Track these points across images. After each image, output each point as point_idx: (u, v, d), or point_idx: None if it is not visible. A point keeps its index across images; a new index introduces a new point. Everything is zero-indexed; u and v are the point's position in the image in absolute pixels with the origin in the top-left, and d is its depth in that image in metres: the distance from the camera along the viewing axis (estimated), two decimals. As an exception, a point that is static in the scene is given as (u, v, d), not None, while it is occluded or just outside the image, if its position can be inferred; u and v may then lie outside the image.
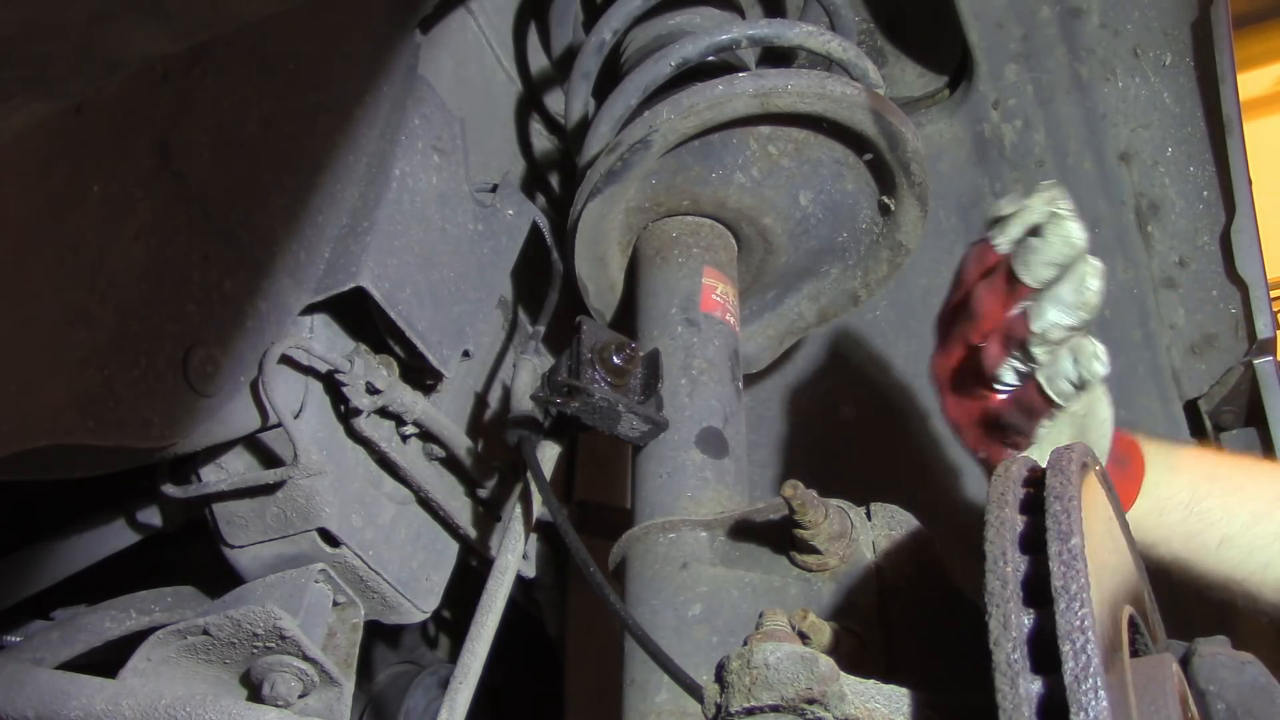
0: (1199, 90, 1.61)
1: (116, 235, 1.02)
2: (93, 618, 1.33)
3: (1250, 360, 1.68)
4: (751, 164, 1.29)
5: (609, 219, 1.29)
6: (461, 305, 1.41)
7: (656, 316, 1.26)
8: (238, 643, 1.17)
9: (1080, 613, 0.59)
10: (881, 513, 1.03)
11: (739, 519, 1.04)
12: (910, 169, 1.26)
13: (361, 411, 1.30)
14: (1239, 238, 1.63)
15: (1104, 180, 1.70)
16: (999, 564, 0.65)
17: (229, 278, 1.15)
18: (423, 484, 1.42)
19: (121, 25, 0.56)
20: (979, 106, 1.71)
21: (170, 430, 1.11)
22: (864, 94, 1.21)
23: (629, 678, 1.02)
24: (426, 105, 1.41)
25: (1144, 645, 0.76)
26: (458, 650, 1.22)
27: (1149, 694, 0.65)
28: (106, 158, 0.99)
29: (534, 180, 1.74)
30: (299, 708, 1.18)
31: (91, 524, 1.43)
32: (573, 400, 1.10)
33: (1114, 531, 0.78)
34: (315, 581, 1.30)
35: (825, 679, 0.67)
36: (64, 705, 1.09)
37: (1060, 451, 0.71)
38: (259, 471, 1.26)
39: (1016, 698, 0.59)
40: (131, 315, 1.04)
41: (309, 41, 1.24)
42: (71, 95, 0.75)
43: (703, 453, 1.14)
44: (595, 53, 1.39)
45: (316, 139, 1.26)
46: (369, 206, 1.30)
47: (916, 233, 1.33)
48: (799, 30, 1.31)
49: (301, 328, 1.28)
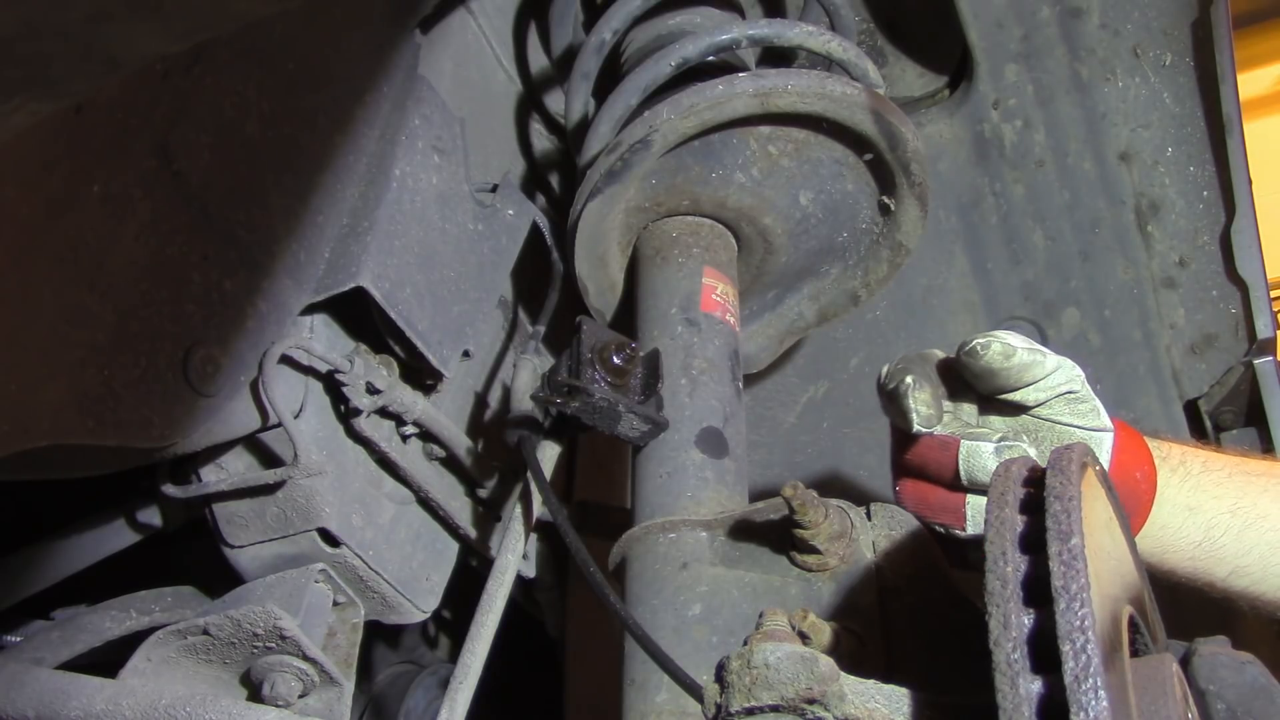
0: (1199, 90, 1.61)
1: (116, 235, 1.02)
2: (93, 618, 1.33)
3: (1250, 360, 1.68)
4: (751, 164, 1.29)
5: (609, 219, 1.29)
6: (461, 305, 1.41)
7: (656, 316, 1.26)
8: (238, 643, 1.17)
9: (1080, 613, 0.59)
10: (881, 513, 1.03)
11: (739, 519, 1.04)
12: (910, 169, 1.26)
13: (361, 411, 1.30)
14: (1239, 238, 1.63)
15: (1104, 180, 1.70)
16: (999, 564, 0.65)
17: (229, 278, 1.15)
18: (423, 484, 1.42)
19: (121, 25, 0.56)
20: (979, 106, 1.71)
21: (170, 430, 1.11)
22: (864, 94, 1.21)
23: (629, 678, 1.02)
24: (426, 105, 1.41)
25: (1144, 645, 0.76)
26: (458, 650, 1.22)
27: (1149, 694, 0.65)
28: (106, 158, 0.99)
29: (534, 180, 1.74)
30: (299, 708, 1.18)
31: (91, 524, 1.43)
32: (573, 400, 1.10)
33: (1114, 531, 0.77)
34: (315, 581, 1.30)
35: (825, 679, 0.67)
36: (64, 705, 1.09)
37: (1060, 451, 0.71)
38: (259, 471, 1.26)
39: (1016, 698, 0.59)
40: (131, 315, 1.04)
41: (309, 41, 1.24)
42: (71, 95, 0.75)
43: (703, 453, 1.14)
44: (595, 53, 1.39)
45: (316, 139, 1.26)
46: (369, 206, 1.30)
47: (916, 233, 1.33)
48: (799, 30, 1.31)
49: (301, 328, 1.28)
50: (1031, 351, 1.02)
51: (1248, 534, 1.11)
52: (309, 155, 1.24)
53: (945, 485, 1.08)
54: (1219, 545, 1.11)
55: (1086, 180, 1.71)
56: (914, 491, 1.11)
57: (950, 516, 1.08)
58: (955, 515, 1.08)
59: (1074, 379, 1.05)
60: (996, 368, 1.02)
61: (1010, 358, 1.01)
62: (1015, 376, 1.02)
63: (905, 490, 1.12)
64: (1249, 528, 1.11)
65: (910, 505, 1.10)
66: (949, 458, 1.05)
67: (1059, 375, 1.04)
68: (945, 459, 1.06)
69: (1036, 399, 1.04)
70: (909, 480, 1.11)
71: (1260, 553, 1.11)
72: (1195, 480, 1.12)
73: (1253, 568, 1.11)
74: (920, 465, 1.08)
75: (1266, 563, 1.11)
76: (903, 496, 1.12)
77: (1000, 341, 1.01)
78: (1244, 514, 1.11)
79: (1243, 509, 1.11)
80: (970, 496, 1.07)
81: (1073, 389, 1.05)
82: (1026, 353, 1.02)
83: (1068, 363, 1.05)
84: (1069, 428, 1.06)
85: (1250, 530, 1.11)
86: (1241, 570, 1.12)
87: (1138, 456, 1.10)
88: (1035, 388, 1.04)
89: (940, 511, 1.09)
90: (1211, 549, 1.11)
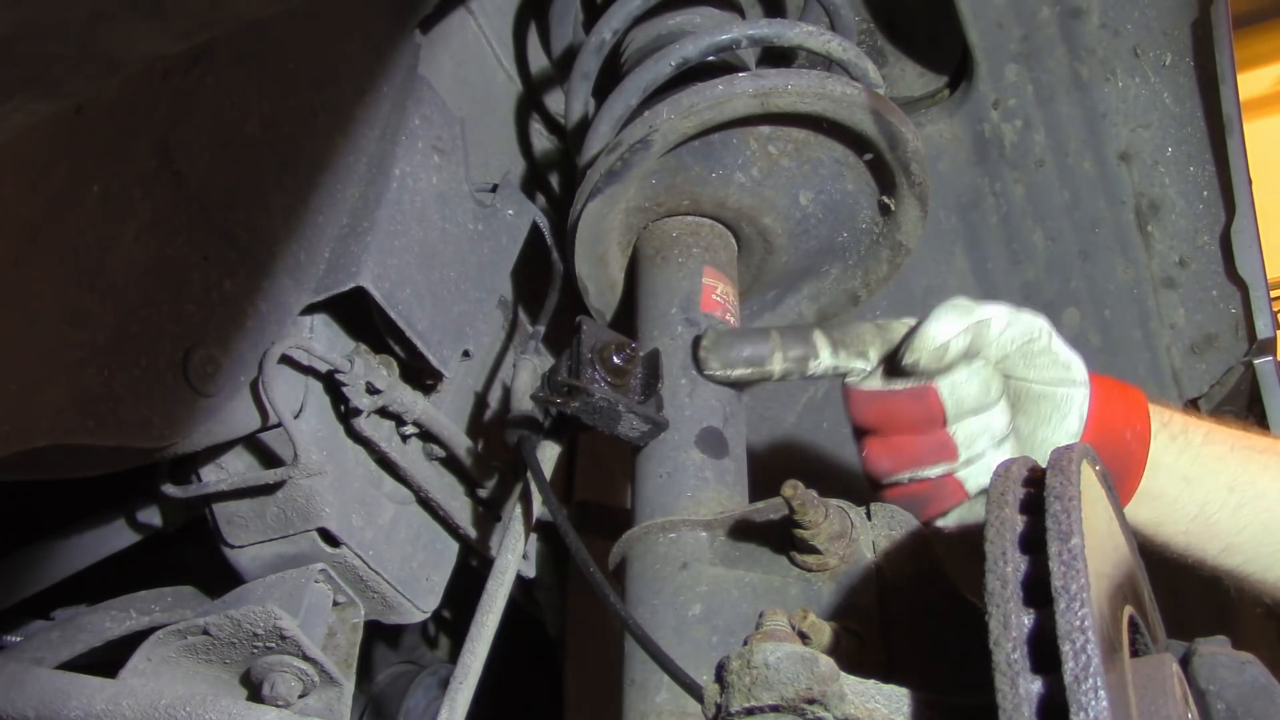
0: (1199, 90, 1.61)
1: (116, 235, 1.02)
2: (93, 618, 1.33)
3: (1250, 360, 1.68)
4: (751, 164, 1.29)
5: (609, 219, 1.29)
6: (461, 305, 1.41)
7: (656, 316, 1.26)
8: (238, 643, 1.17)
9: (1080, 613, 0.59)
10: (881, 513, 1.02)
11: (739, 519, 1.04)
12: (910, 169, 1.26)
13: (361, 411, 1.30)
14: (1239, 238, 1.63)
15: (1104, 180, 1.70)
16: (999, 564, 0.65)
17: (229, 278, 1.15)
18: (423, 484, 1.42)
19: (121, 25, 0.56)
20: (979, 106, 1.71)
21: (170, 430, 1.11)
22: (864, 94, 1.21)
23: (629, 678, 1.02)
24: (426, 105, 1.41)
25: (1144, 645, 0.76)
26: (458, 650, 1.22)
27: (1149, 694, 0.65)
28: (106, 158, 0.99)
29: (534, 180, 1.74)
30: (299, 708, 1.18)
31: (91, 524, 1.43)
32: (573, 400, 1.10)
33: (1114, 531, 0.77)
34: (315, 581, 1.30)
35: (825, 679, 0.67)
36: (64, 705, 1.09)
37: (1060, 451, 0.71)
38: (259, 471, 1.26)
39: (1016, 698, 0.59)
40: (131, 315, 1.04)
41: (309, 41, 1.24)
42: (71, 95, 0.75)
43: (703, 453, 1.14)
44: (595, 53, 1.39)
45: (316, 139, 1.26)
46: (369, 206, 1.30)
47: (916, 233, 1.33)
48: (799, 30, 1.31)
49: (301, 328, 1.28)
50: (969, 330, 0.99)
51: (1243, 511, 1.09)
52: (309, 155, 1.24)
53: (923, 432, 1.05)
54: (1214, 520, 1.09)
55: (1086, 180, 1.71)
56: (888, 448, 1.07)
57: (941, 452, 1.05)
58: (946, 449, 1.05)
59: (1032, 331, 1.02)
60: (937, 367, 1.01)
61: (944, 356, 1.00)
62: (963, 355, 1.01)
63: (874, 449, 1.08)
64: (1244, 505, 1.09)
65: (887, 463, 1.07)
66: (926, 403, 1.03)
67: (1010, 331, 1.02)
68: (921, 406, 1.03)
69: (995, 357, 1.03)
70: (875, 440, 1.08)
71: (1253, 531, 1.09)
72: (1195, 451, 1.10)
73: (1244, 546, 1.10)
74: (890, 422, 1.06)
75: (1258, 541, 1.10)
76: (874, 457, 1.08)
77: (927, 347, 0.99)
78: (1241, 491, 1.09)
79: (1240, 486, 1.09)
80: (957, 425, 1.04)
81: (1031, 340, 1.02)
82: (962, 336, 0.99)
83: (1025, 316, 1.03)
84: (1028, 383, 1.04)
85: (1245, 508, 1.09)
86: (1234, 548, 1.10)
87: (1129, 415, 1.08)
88: (986, 352, 1.02)
89: (928, 453, 1.05)
90: (1206, 523, 1.09)
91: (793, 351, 1.08)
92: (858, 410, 1.08)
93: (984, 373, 1.03)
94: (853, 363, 1.07)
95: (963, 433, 1.05)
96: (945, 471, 1.06)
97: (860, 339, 1.07)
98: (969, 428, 1.04)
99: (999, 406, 1.05)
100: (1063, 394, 1.04)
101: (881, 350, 1.06)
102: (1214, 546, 1.11)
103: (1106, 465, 1.06)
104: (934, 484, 1.07)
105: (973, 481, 1.06)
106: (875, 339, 1.07)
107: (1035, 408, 1.05)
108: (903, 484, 1.07)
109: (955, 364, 1.02)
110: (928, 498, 1.08)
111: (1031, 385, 1.04)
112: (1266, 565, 1.11)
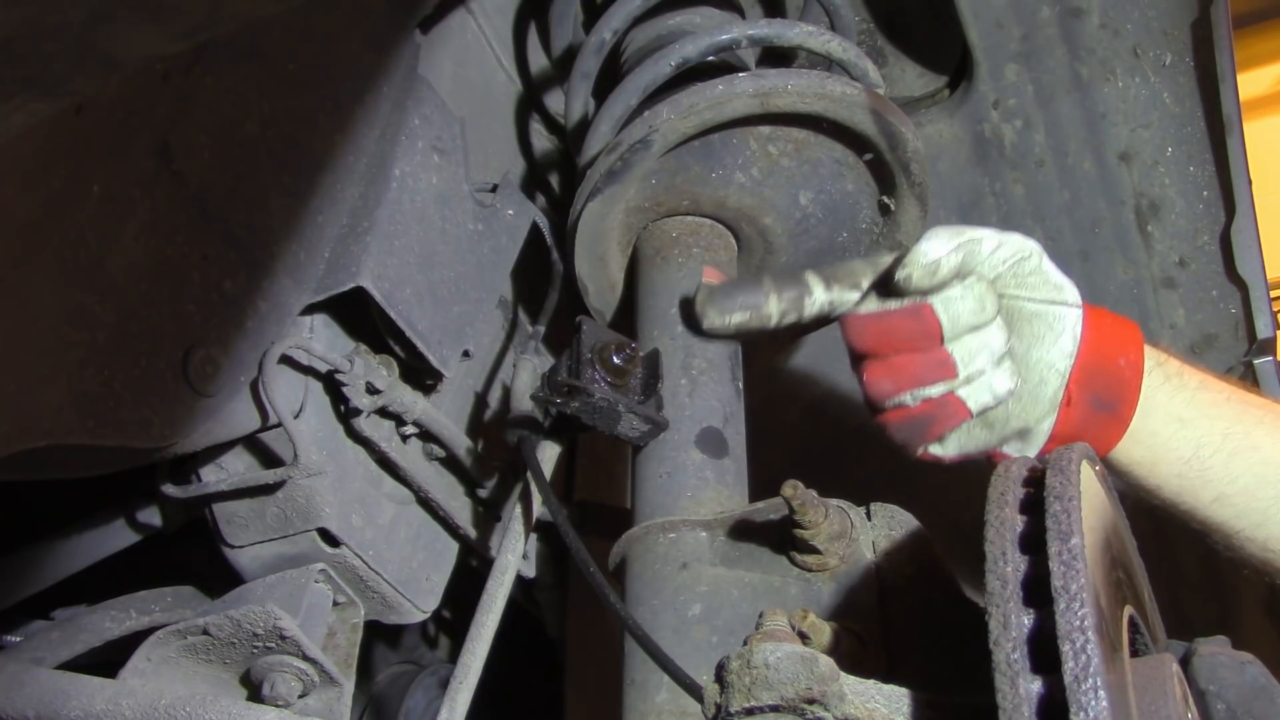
0: (1199, 90, 1.61)
1: (116, 235, 1.02)
2: (93, 618, 1.33)
3: (1250, 360, 1.68)
4: (751, 164, 1.29)
5: (609, 219, 1.29)
6: (461, 305, 1.41)
7: (656, 316, 1.26)
8: (238, 643, 1.17)
9: (1080, 613, 0.59)
10: (881, 513, 1.03)
11: (739, 519, 1.04)
12: (910, 169, 1.26)
13: (361, 411, 1.30)
14: (1239, 238, 1.63)
15: (1104, 180, 1.70)
16: (999, 564, 0.65)
17: (229, 278, 1.15)
18: (423, 484, 1.42)
19: (121, 25, 0.56)
20: (979, 106, 1.71)
21: (170, 430, 1.11)
22: (864, 94, 1.21)
23: (629, 678, 1.02)
24: (426, 105, 1.41)
25: (1144, 645, 0.77)
26: (458, 650, 1.22)
27: (1149, 694, 0.65)
28: (106, 158, 0.99)
29: (534, 180, 1.74)
30: (299, 708, 1.18)
31: (91, 524, 1.43)
32: (573, 400, 1.10)
33: (1115, 531, 0.77)
34: (315, 581, 1.30)
35: (825, 679, 0.67)
36: (64, 705, 1.09)
37: (1060, 451, 0.72)
38: (259, 471, 1.26)
39: (1016, 698, 0.59)
40: (131, 315, 1.04)
41: (309, 41, 1.24)
42: (71, 95, 0.75)
43: (703, 453, 1.14)
44: (595, 53, 1.39)
45: (316, 139, 1.26)
46: (369, 206, 1.30)
47: (916, 233, 1.33)
48: (799, 30, 1.31)
49: (301, 328, 1.28)
50: (960, 248, 1.00)
51: (1235, 461, 1.08)
52: (309, 155, 1.24)
53: (921, 350, 1.05)
54: (1207, 466, 1.08)
55: (1086, 180, 1.71)
56: (888, 368, 1.06)
57: (941, 369, 1.04)
58: (945, 366, 1.04)
59: (1023, 251, 1.03)
60: (930, 284, 1.01)
61: (936, 273, 1.00)
62: (956, 273, 1.01)
63: (874, 371, 1.07)
64: (1237, 455, 1.08)
65: (888, 384, 1.06)
66: (922, 319, 1.03)
67: (1001, 251, 1.02)
68: (917, 322, 1.03)
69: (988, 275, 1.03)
70: (875, 362, 1.07)
71: (1245, 483, 1.08)
72: (1190, 394, 1.09)
73: (1237, 498, 1.09)
74: (888, 342, 1.05)
75: (1251, 494, 1.08)
76: (874, 380, 1.07)
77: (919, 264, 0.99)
78: (1235, 439, 1.08)
79: (1234, 435, 1.08)
80: (955, 343, 1.04)
81: (1022, 259, 1.03)
82: (953, 254, 1.00)
83: (1015, 237, 1.03)
84: (1021, 301, 1.04)
85: (1238, 458, 1.08)
86: (1225, 499, 1.09)
87: (1123, 344, 1.08)
88: (979, 270, 1.02)
89: (927, 371, 1.05)
90: (1200, 468, 1.08)
91: (787, 292, 1.08)
92: (855, 334, 1.07)
93: (977, 289, 1.03)
94: (847, 294, 1.07)
95: (961, 349, 1.04)
96: (946, 390, 1.04)
97: (852, 272, 1.07)
98: (967, 344, 1.04)
99: (995, 324, 1.05)
100: (1056, 313, 1.04)
101: (874, 280, 1.07)
102: (1207, 494, 1.10)
103: (1100, 392, 1.07)
104: (936, 403, 1.05)
105: (974, 400, 1.05)
106: (867, 270, 1.07)
107: (1029, 326, 1.05)
108: (904, 405, 1.06)
109: (948, 281, 1.02)
110: (931, 418, 1.06)
111: (1025, 304, 1.04)
112: (1257, 521, 1.09)
